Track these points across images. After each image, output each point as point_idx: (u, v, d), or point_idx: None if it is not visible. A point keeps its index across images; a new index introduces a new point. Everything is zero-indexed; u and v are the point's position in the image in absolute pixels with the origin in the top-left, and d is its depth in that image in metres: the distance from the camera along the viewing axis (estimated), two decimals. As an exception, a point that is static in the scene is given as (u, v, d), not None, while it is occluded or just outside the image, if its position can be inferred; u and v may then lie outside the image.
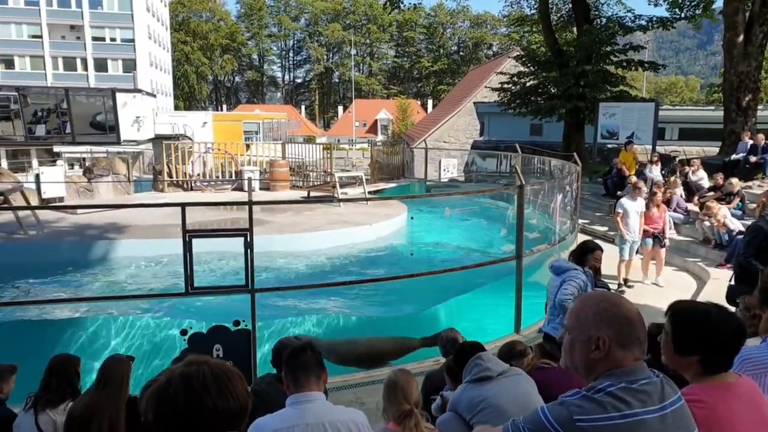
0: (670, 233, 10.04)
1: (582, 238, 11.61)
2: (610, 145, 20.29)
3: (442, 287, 8.28)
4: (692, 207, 11.83)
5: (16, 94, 32.59)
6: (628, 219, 8.90)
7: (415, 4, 25.83)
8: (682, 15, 20.32)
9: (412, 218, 11.40)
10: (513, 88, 22.97)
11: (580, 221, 11.79)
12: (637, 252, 9.24)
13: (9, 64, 56.90)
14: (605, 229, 12.74)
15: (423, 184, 19.51)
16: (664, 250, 9.16)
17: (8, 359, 4.47)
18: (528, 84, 22.72)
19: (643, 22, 20.92)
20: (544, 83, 22.27)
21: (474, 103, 30.30)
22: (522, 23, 27.56)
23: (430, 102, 78.04)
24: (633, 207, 8.98)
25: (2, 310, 7.38)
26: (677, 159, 16.50)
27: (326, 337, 7.51)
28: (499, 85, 23.62)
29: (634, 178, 10.43)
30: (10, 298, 7.98)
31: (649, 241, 9.02)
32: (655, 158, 13.95)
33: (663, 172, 13.82)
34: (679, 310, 1.99)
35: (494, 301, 8.30)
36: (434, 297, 8.23)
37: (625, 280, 9.04)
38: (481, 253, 10.30)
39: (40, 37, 56.57)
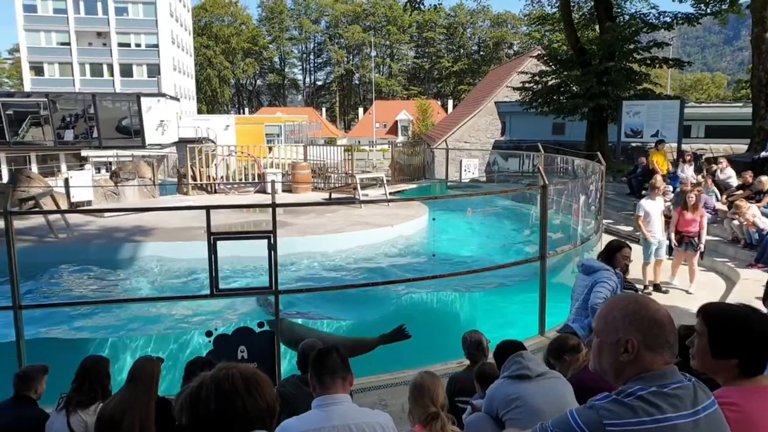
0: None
1: (607, 238, 11.47)
2: (634, 144, 19.99)
3: (463, 286, 8.26)
4: (720, 206, 11.59)
5: (46, 100, 33.41)
6: (650, 220, 8.74)
7: (435, 5, 25.68)
8: (708, 11, 19.91)
9: (433, 219, 11.37)
10: (535, 87, 22.78)
11: (605, 221, 11.64)
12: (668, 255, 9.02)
13: (39, 71, 58.28)
14: (630, 229, 12.55)
15: (444, 185, 19.46)
16: (698, 255, 8.70)
17: (38, 360, 4.59)
18: (550, 83, 22.51)
19: (668, 19, 20.56)
20: (566, 82, 22.03)
21: (495, 102, 30.11)
22: (543, 22, 27.31)
23: (450, 102, 77.79)
24: (654, 208, 8.81)
25: (33, 312, 7.56)
26: (704, 157, 16.20)
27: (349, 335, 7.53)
28: (521, 85, 23.45)
29: (659, 178, 10.23)
30: (43, 298, 8.16)
31: (684, 247, 8.59)
32: (688, 157, 13.59)
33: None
34: (713, 312, 1.94)
35: (517, 303, 8.24)
36: (455, 295, 8.20)
37: (655, 285, 8.82)
38: (503, 254, 10.23)
39: (68, 44, 57.84)
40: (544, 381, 2.99)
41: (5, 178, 28.22)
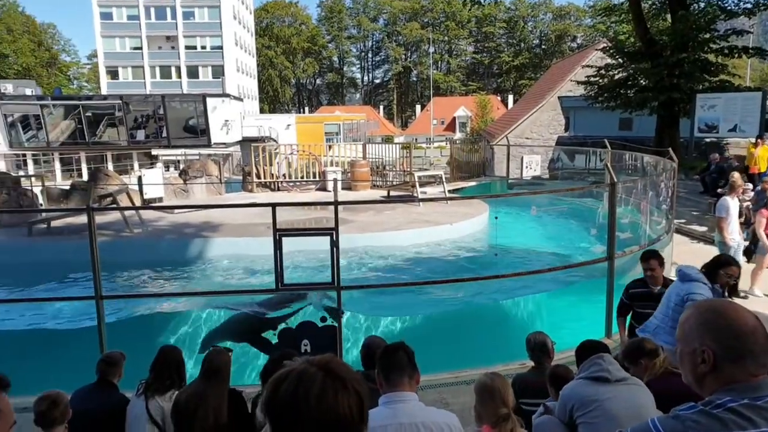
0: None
1: (678, 238, 10.98)
2: (708, 139, 19.01)
3: (526, 286, 8.12)
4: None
5: (120, 102, 35.24)
6: (729, 221, 8.26)
7: (495, 0, 25.17)
8: (794, -6, 18.65)
9: (496, 218, 11.22)
10: (600, 81, 22.05)
11: (676, 221, 11.14)
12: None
13: (114, 74, 61.54)
14: (704, 229, 11.97)
15: (504, 183, 19.14)
16: None
17: (115, 347, 4.86)
18: (616, 76, 21.72)
19: (749, 5, 19.38)
20: (635, 75, 21.19)
21: (558, 97, 29.35)
22: (609, 13, 26.35)
23: (510, 98, 76.41)
24: (735, 208, 8.33)
25: (111, 303, 7.99)
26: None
27: (409, 334, 7.55)
28: (585, 79, 22.75)
29: (737, 175, 9.66)
30: (121, 291, 8.62)
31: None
32: None
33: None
34: None
35: (583, 304, 8.02)
36: (518, 295, 8.07)
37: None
38: (568, 254, 9.98)
39: (140, 48, 60.71)
40: (624, 386, 2.89)
41: (85, 176, 29.97)
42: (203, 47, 61.87)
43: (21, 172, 29.85)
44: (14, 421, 1.41)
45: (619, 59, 21.66)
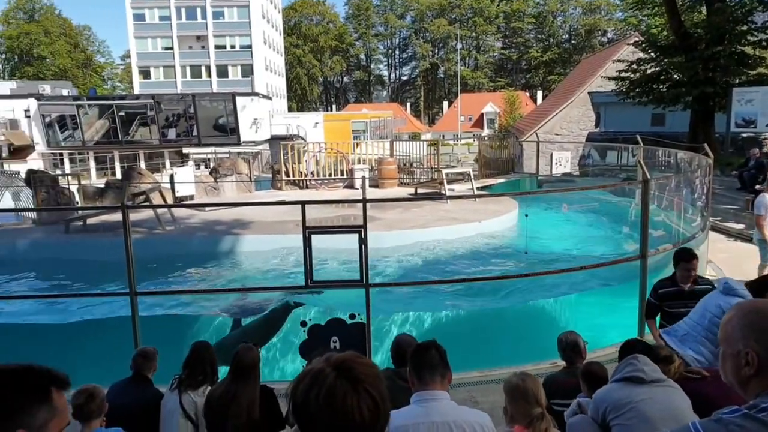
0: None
1: (714, 236, 10.70)
2: (745, 134, 18.48)
3: (556, 285, 8.02)
4: None
5: (152, 101, 35.95)
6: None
7: None
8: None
9: (526, 216, 11.09)
10: (632, 75, 21.60)
11: (712, 218, 10.86)
12: None
13: (146, 74, 62.81)
14: (741, 226, 11.64)
15: (534, 180, 18.92)
16: None
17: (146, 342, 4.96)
18: (649, 71, 21.26)
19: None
20: (667, 69, 20.70)
21: (589, 92, 28.87)
22: (642, 6, 25.77)
23: (539, 94, 75.45)
24: (773, 204, 8.08)
25: (144, 300, 8.17)
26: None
27: (437, 332, 7.54)
28: (617, 74, 22.31)
29: (776, 171, 9.39)
30: (153, 288, 8.79)
31: None
32: None
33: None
34: None
35: (614, 304, 7.89)
36: (549, 294, 7.98)
37: None
38: (600, 251, 9.82)
39: (171, 48, 61.81)
40: (660, 388, 2.83)
41: (119, 174, 30.68)
42: (232, 46, 62.66)
43: (58, 171, 30.68)
44: (68, 422, 1.47)
45: (652, 53, 21.19)
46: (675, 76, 20.28)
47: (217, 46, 62.23)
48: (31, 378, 1.39)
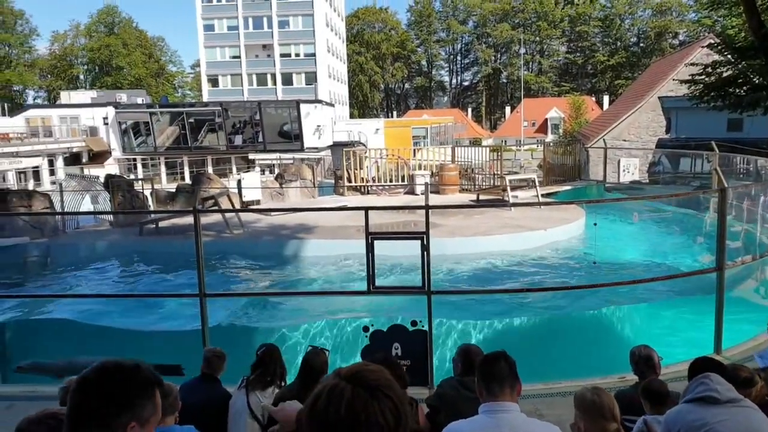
0: None
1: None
2: (834, 141, 17.24)
3: (627, 297, 7.74)
4: None
5: (220, 108, 37.32)
6: None
7: None
8: None
9: (595, 224, 10.74)
10: (706, 79, 20.57)
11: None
12: None
13: (215, 82, 65.27)
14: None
15: (601, 187, 18.33)
16: None
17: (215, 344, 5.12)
18: (725, 74, 20.18)
19: None
20: (746, 72, 19.59)
21: (659, 97, 27.72)
22: (717, 6, 24.51)
23: (606, 98, 73.10)
24: None
25: (214, 302, 8.46)
26: None
27: (499, 341, 7.42)
28: (690, 77, 21.32)
29: None
30: (223, 290, 9.12)
31: None
32: None
33: None
34: None
35: (689, 317, 7.52)
36: (618, 303, 7.70)
37: None
38: (672, 263, 9.41)
39: (239, 57, 63.99)
40: (737, 409, 2.64)
41: (188, 179, 32.01)
42: (297, 55, 64.13)
43: (132, 176, 32.35)
44: (160, 419, 1.57)
45: (728, 55, 20.11)
46: (754, 79, 19.16)
47: (282, 55, 63.88)
48: (143, 375, 1.50)
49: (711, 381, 2.72)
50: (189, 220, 6.52)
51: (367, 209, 6.36)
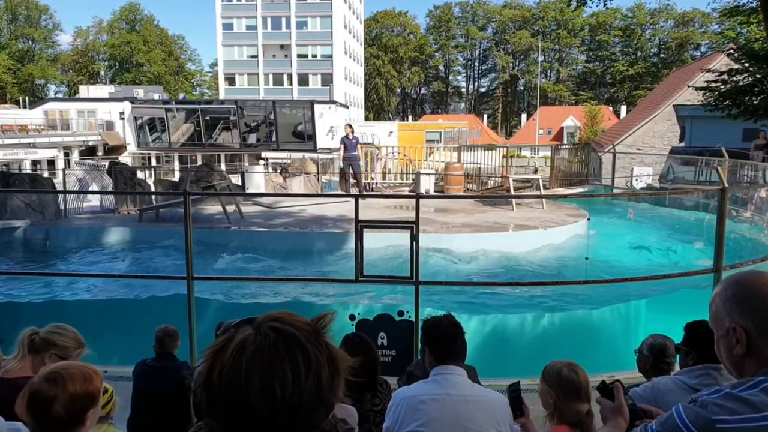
0: None
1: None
2: None
3: (620, 296, 7.60)
4: None
5: (235, 106, 37.56)
6: None
7: (605, 3, 23.56)
8: None
9: (588, 219, 10.59)
10: (722, 87, 20.26)
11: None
12: None
13: (231, 81, 65.85)
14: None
15: (609, 190, 18.13)
16: None
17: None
18: (741, 82, 19.86)
19: None
20: (762, 80, 19.26)
21: (674, 105, 27.38)
22: (735, 14, 24.13)
23: (623, 108, 72.49)
24: None
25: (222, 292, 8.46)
26: None
27: (489, 337, 7.31)
28: (705, 84, 21.01)
29: None
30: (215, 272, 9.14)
31: None
32: None
33: None
34: None
35: (684, 319, 7.34)
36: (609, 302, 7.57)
37: None
38: (669, 264, 9.24)
39: (256, 56, 64.52)
40: None
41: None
42: (314, 56, 64.51)
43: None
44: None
45: (745, 63, 19.80)
46: (772, 87, 18.85)
47: (299, 55, 64.28)
48: None
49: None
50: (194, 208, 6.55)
51: (357, 197, 6.38)
